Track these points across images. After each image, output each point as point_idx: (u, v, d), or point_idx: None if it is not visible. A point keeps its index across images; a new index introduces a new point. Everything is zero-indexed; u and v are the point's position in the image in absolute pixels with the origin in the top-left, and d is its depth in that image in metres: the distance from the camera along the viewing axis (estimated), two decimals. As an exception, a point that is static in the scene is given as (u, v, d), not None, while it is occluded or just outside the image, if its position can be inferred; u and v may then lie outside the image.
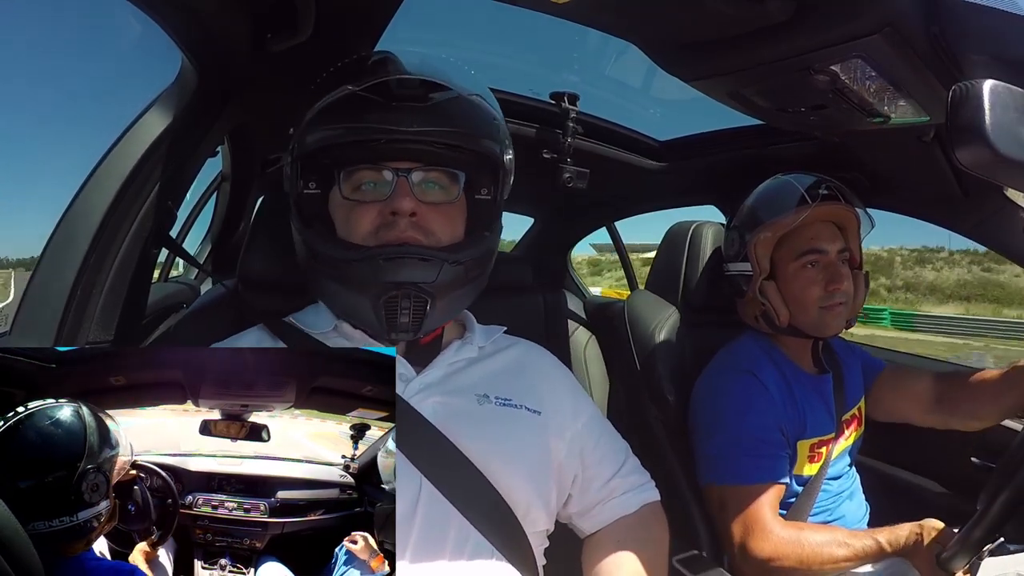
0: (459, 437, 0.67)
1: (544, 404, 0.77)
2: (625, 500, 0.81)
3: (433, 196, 0.69)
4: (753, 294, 1.15)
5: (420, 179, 0.68)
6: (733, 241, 1.20)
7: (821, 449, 1.13)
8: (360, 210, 0.67)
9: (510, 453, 0.70)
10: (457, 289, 0.68)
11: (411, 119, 0.64)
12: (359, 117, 0.64)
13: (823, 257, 1.11)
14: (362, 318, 0.68)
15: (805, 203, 1.08)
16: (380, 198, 0.67)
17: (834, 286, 1.10)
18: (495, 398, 0.73)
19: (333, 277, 0.67)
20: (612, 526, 0.79)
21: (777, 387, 1.12)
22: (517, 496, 0.69)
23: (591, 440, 0.81)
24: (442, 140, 0.65)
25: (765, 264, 1.13)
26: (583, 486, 0.79)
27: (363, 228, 0.67)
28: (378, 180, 0.68)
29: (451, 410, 0.70)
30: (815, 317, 1.11)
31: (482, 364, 0.77)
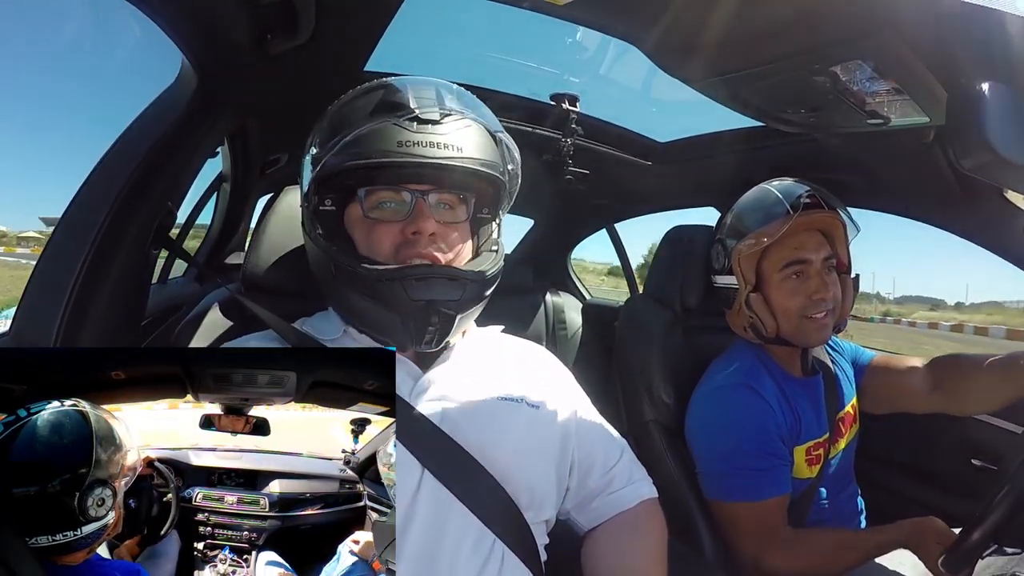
0: (461, 433, 0.70)
1: (543, 398, 0.80)
2: (622, 495, 0.83)
3: (446, 216, 0.74)
4: (740, 306, 1.15)
5: (435, 200, 0.73)
6: (718, 254, 1.20)
7: (818, 451, 1.13)
8: (381, 228, 0.72)
9: (511, 446, 0.73)
10: (477, 304, 0.75)
11: (432, 146, 0.69)
12: (387, 144, 0.68)
13: (808, 267, 1.10)
14: (388, 331, 0.72)
15: (787, 214, 1.08)
16: (399, 218, 0.72)
17: (819, 296, 1.09)
18: (496, 394, 0.76)
19: (358, 291, 0.70)
20: (610, 522, 0.82)
21: (773, 396, 1.12)
22: (518, 487, 0.71)
23: (588, 435, 0.83)
24: (458, 165, 0.70)
25: (751, 276, 1.13)
26: (580, 480, 0.81)
27: (385, 246, 0.71)
28: (397, 200, 0.72)
29: (454, 407, 0.72)
30: (800, 326, 1.11)
31: (482, 362, 0.80)
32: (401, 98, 0.71)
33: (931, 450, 1.37)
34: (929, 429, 1.33)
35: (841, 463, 1.19)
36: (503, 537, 0.69)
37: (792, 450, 1.10)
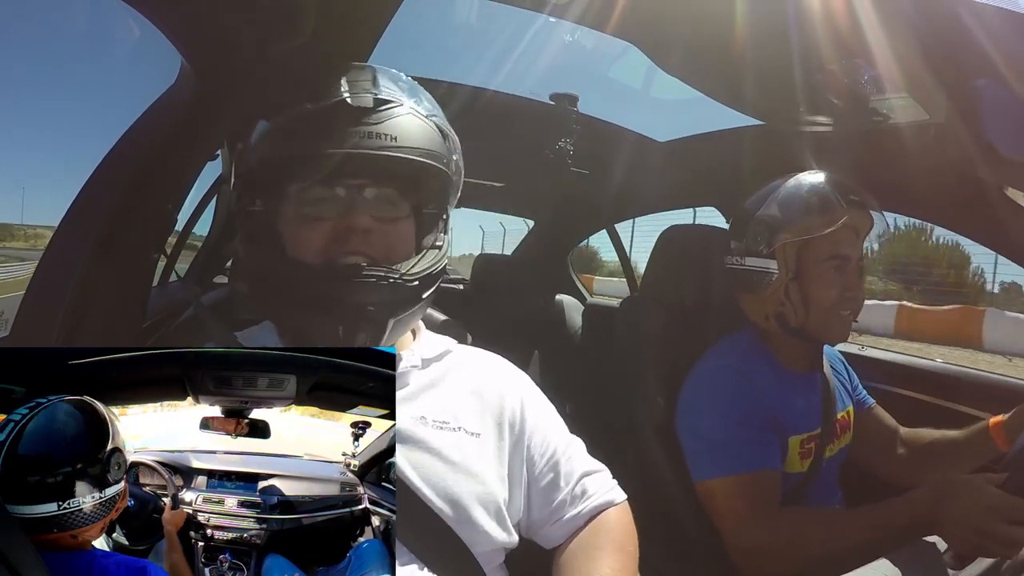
0: (398, 464, 0.65)
1: (484, 424, 0.75)
2: (575, 516, 0.77)
3: (384, 212, 0.68)
4: (773, 293, 1.14)
5: (372, 196, 0.68)
6: (758, 236, 1.15)
7: (810, 445, 1.13)
8: (311, 226, 0.67)
9: (446, 480, 0.68)
10: (413, 307, 0.68)
11: (365, 136, 0.64)
12: (314, 134, 0.64)
13: (847, 263, 1.11)
14: (318, 337, 0.66)
15: (841, 208, 1.08)
16: (332, 214, 0.67)
17: (852, 292, 1.11)
18: (432, 420, 0.71)
19: (287, 297, 0.66)
20: (569, 543, 0.76)
21: (765, 381, 1.11)
22: (458, 519, 0.67)
23: (536, 458, 0.78)
24: (394, 156, 0.65)
25: (793, 265, 1.12)
26: (528, 507, 0.77)
27: (314, 244, 0.66)
28: (329, 196, 0.67)
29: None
30: (827, 321, 1.11)
31: (423, 380, 0.75)
32: (333, 87, 0.66)
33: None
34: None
35: (832, 466, 1.18)
36: (440, 572, 0.64)
37: (787, 440, 1.10)
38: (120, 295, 0.98)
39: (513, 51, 1.19)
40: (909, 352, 1.77)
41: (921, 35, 0.83)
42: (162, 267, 1.93)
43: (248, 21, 0.96)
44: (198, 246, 2.26)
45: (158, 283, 1.83)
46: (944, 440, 1.20)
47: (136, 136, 1.03)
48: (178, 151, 1.06)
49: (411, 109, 0.68)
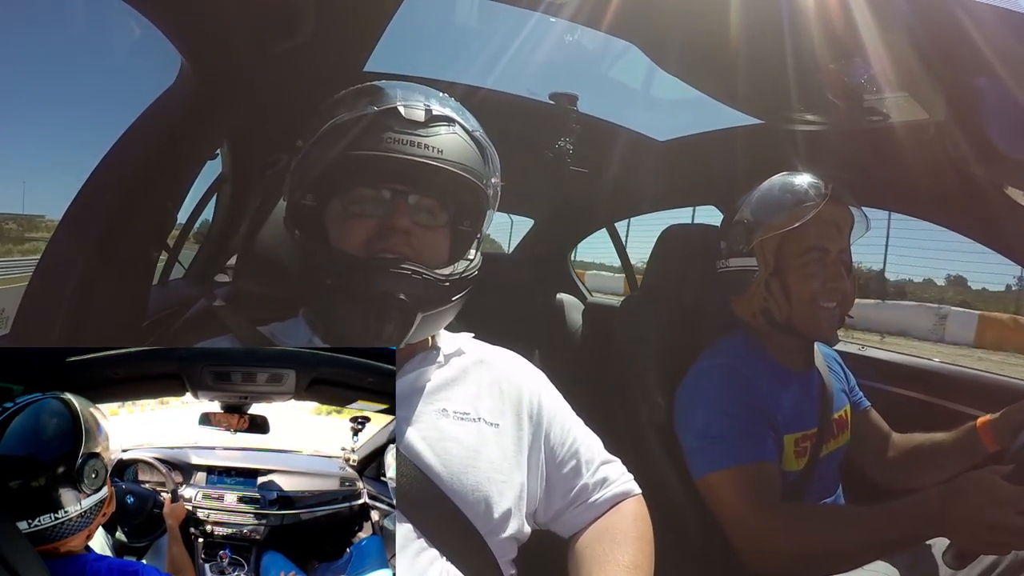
0: (416, 453, 0.69)
1: (504, 415, 0.78)
2: (596, 502, 0.81)
3: (423, 219, 0.73)
4: (756, 290, 1.15)
5: (415, 202, 0.72)
6: (737, 236, 1.19)
7: (805, 444, 1.13)
8: (356, 221, 0.71)
9: (466, 468, 0.71)
10: (441, 306, 0.72)
11: (415, 147, 0.69)
12: (371, 139, 0.68)
13: (826, 256, 1.12)
14: (349, 327, 0.70)
15: (816, 201, 1.08)
16: (376, 213, 0.71)
17: (833, 284, 1.11)
18: (453, 412, 0.75)
19: (322, 281, 0.70)
20: (588, 529, 0.80)
21: (761, 378, 1.12)
22: (475, 509, 0.70)
23: (557, 447, 0.81)
24: (441, 169, 0.69)
25: (771, 260, 1.13)
26: (549, 493, 0.80)
27: (357, 238, 0.71)
28: (376, 198, 0.72)
29: (409, 425, 0.71)
30: (811, 314, 1.12)
31: (444, 375, 0.79)
32: (388, 97, 0.71)
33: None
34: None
35: (829, 465, 1.18)
36: (455, 561, 0.67)
37: (783, 437, 1.10)
38: (120, 293, 0.98)
39: (513, 51, 1.20)
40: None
41: (919, 34, 0.83)
42: (162, 266, 1.93)
43: (248, 21, 0.97)
44: (198, 246, 2.26)
45: (158, 281, 1.83)
46: (931, 442, 1.20)
47: (136, 135, 1.03)
48: (178, 150, 1.06)
49: (459, 128, 0.73)
